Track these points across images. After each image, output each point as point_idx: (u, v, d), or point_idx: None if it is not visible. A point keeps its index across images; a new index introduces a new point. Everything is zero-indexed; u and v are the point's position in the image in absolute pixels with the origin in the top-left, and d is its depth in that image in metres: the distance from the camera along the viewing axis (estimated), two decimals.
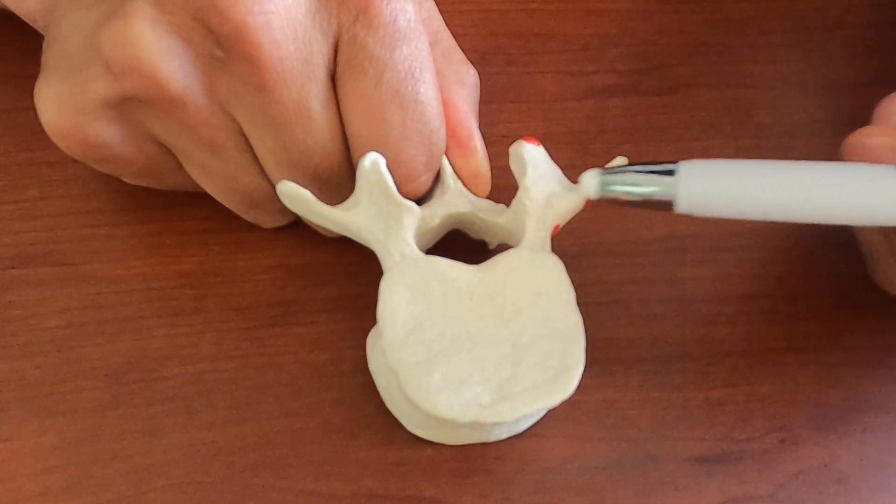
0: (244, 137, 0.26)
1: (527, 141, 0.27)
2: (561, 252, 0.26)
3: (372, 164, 0.25)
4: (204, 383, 0.27)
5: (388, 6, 0.25)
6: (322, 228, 0.28)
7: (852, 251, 0.30)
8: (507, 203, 0.27)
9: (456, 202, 0.27)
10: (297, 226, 0.29)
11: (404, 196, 0.26)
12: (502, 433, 0.27)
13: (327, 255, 0.29)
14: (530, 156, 0.27)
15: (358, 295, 0.28)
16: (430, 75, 0.26)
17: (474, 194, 0.28)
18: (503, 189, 0.28)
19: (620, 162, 0.27)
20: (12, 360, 0.27)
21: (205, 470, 0.26)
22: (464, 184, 0.28)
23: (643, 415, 0.28)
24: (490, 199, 0.28)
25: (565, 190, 0.27)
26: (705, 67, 0.34)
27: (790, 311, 0.29)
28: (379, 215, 0.26)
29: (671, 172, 0.24)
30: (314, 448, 0.27)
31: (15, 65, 0.31)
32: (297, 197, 0.26)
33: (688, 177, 0.24)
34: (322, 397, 0.27)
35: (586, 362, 0.25)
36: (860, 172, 0.24)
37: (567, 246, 0.28)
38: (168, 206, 0.29)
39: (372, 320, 0.26)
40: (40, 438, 0.26)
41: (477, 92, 0.29)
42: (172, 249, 0.29)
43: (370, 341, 0.27)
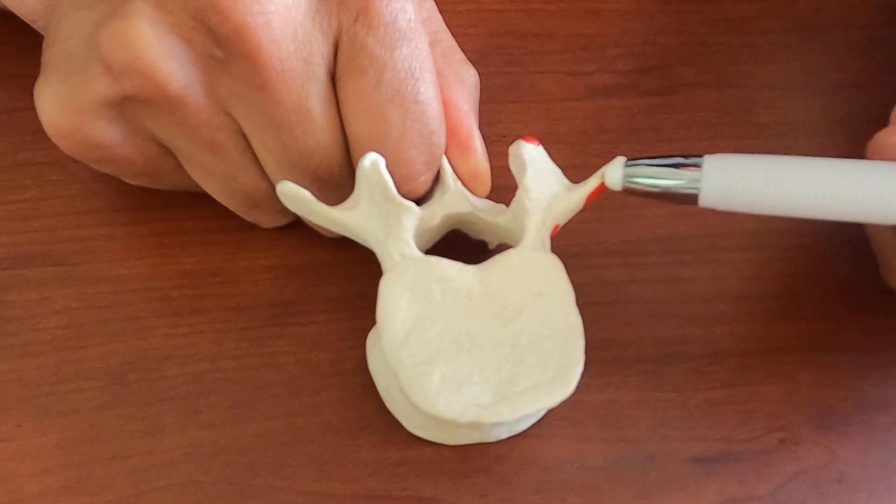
0: (244, 137, 0.26)
1: (526, 141, 0.27)
2: (561, 252, 0.26)
3: (371, 165, 0.25)
4: (204, 383, 0.27)
5: (388, 6, 0.25)
6: (322, 228, 0.28)
7: (852, 251, 0.30)
8: (507, 203, 0.27)
9: (456, 202, 0.27)
10: (297, 226, 0.29)
11: (404, 196, 0.26)
12: (502, 433, 0.27)
13: (327, 255, 0.29)
14: (530, 156, 0.27)
15: (358, 295, 0.28)
16: (430, 75, 0.26)
17: (474, 194, 0.28)
18: (503, 189, 0.28)
19: (620, 162, 0.27)
20: (12, 360, 0.27)
21: (205, 470, 0.26)
22: (463, 184, 0.28)
23: (642, 415, 0.28)
24: (490, 199, 0.28)
25: (565, 190, 0.27)
26: (705, 67, 0.34)
27: (790, 311, 0.29)
28: (378, 215, 0.26)
29: (697, 166, 0.25)
30: (314, 448, 0.27)
31: (15, 65, 0.31)
32: (297, 197, 0.26)
33: (712, 171, 0.24)
34: (322, 397, 0.27)
35: (586, 362, 0.25)
36: (886, 170, 0.24)
37: (567, 246, 0.28)
38: (168, 206, 0.29)
39: (372, 320, 0.26)
40: (40, 438, 0.26)
41: (477, 92, 0.29)
42: (172, 249, 0.29)
43: (370, 341, 0.27)
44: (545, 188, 0.27)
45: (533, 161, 0.27)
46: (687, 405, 0.28)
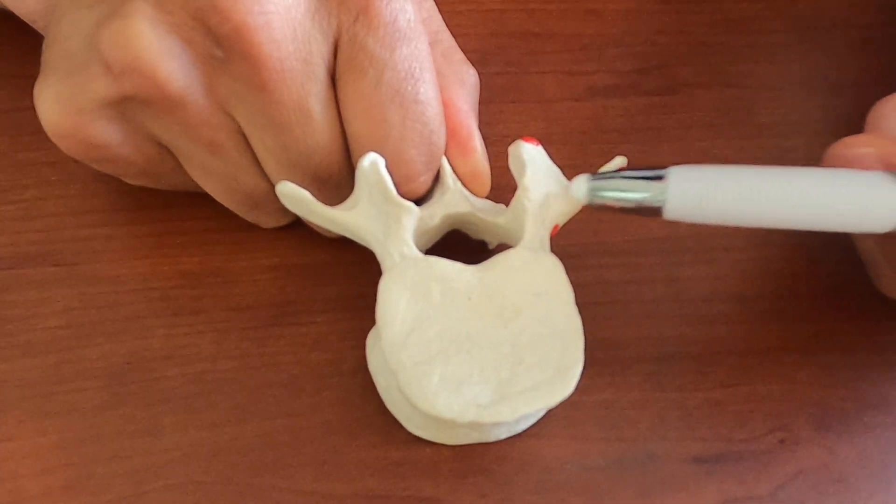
0: (244, 137, 0.26)
1: (526, 141, 0.27)
2: (560, 252, 0.26)
3: (371, 165, 0.25)
4: (204, 383, 0.27)
5: (388, 6, 0.25)
6: (322, 228, 0.28)
7: (851, 251, 0.30)
8: (507, 203, 0.27)
9: (455, 202, 0.27)
10: (297, 226, 0.29)
11: (404, 196, 0.26)
12: (502, 433, 0.27)
13: (327, 255, 0.29)
14: (529, 156, 0.27)
15: (358, 295, 0.28)
16: (430, 75, 0.26)
17: (474, 194, 0.28)
18: (503, 189, 0.28)
19: (619, 162, 0.27)
20: (12, 360, 0.27)
21: (205, 470, 0.26)
22: (463, 184, 0.28)
23: (642, 415, 0.28)
24: (490, 199, 0.28)
25: (565, 190, 0.27)
26: (705, 67, 0.34)
27: (790, 311, 0.29)
28: (378, 215, 0.26)
29: (661, 178, 0.24)
30: (314, 448, 0.27)
31: (15, 65, 0.31)
32: (297, 197, 0.26)
33: (677, 183, 0.24)
34: (322, 397, 0.27)
35: (585, 362, 0.25)
36: (850, 179, 0.24)
37: (567, 246, 0.28)
38: (168, 206, 0.29)
39: (371, 320, 0.26)
40: (40, 438, 0.26)
41: (477, 92, 0.29)
42: (172, 249, 0.29)
43: (370, 341, 0.27)
44: (545, 188, 0.27)
45: (532, 161, 0.27)
46: (687, 405, 0.28)
